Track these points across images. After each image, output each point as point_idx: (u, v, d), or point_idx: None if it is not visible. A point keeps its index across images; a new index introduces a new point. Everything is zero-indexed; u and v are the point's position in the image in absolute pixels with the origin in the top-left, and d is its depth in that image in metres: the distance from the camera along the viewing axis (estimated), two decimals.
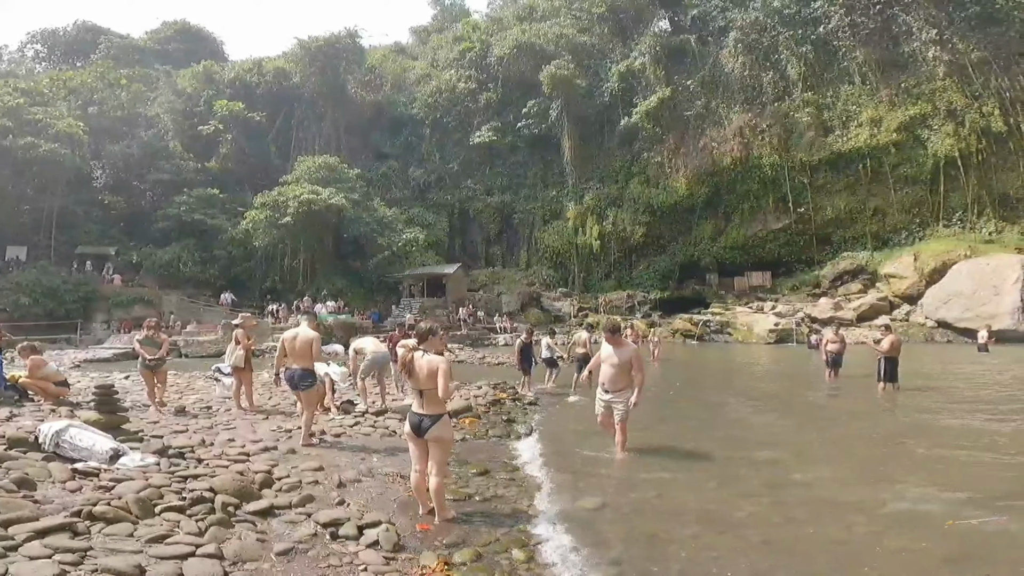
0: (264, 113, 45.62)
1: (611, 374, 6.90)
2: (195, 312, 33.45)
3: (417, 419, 4.67)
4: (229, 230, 37.77)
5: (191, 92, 46.61)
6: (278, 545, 4.05)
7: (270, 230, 35.46)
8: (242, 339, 9.36)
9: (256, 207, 36.16)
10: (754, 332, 29.64)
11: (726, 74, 37.82)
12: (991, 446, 7.47)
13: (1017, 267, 26.19)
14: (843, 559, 4.03)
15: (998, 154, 30.96)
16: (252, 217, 35.94)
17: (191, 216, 37.53)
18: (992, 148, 30.92)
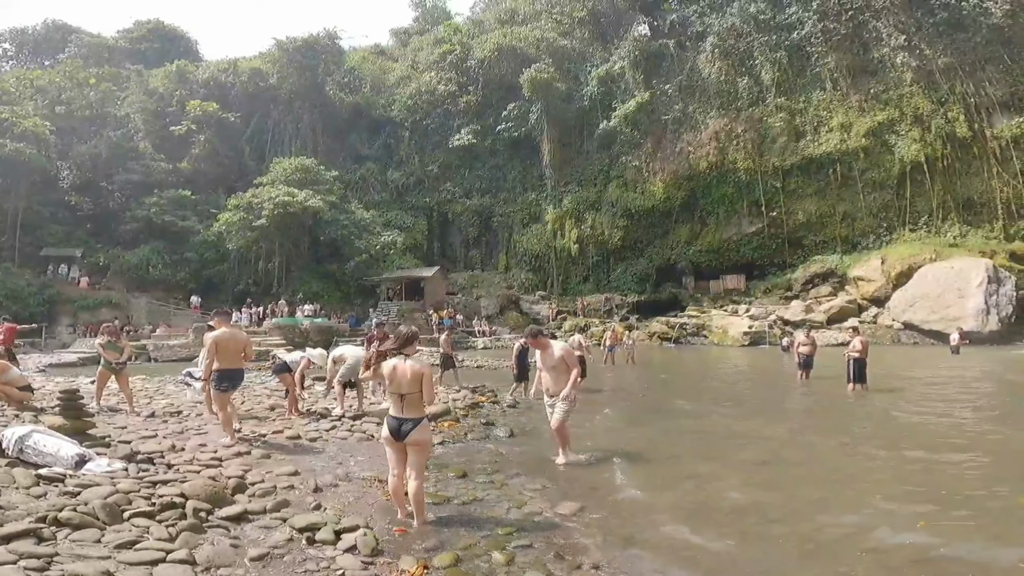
0: (239, 114, 44.96)
1: (549, 378, 6.78)
2: (164, 315, 32.73)
3: (396, 423, 4.65)
4: (201, 232, 37.17)
5: (163, 92, 45.80)
6: (252, 551, 3.99)
7: (244, 232, 34.90)
8: None
9: (230, 209, 35.56)
10: (729, 334, 30.07)
11: (703, 79, 38.42)
12: (958, 447, 7.68)
13: (981, 270, 26.97)
14: (815, 558, 4.10)
15: (962, 159, 31.93)
16: (225, 219, 35.30)
17: (161, 218, 36.83)
18: (957, 153, 31.88)
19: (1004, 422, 9.40)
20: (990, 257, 28.51)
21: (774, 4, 36.21)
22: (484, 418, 9.72)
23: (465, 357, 23.31)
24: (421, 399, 4.63)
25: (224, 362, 6.86)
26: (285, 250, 37.31)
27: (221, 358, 6.84)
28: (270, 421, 8.62)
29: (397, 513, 4.81)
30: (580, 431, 9.50)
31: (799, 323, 29.48)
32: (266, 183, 36.87)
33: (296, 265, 38.27)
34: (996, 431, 8.65)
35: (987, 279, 26.55)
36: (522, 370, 12.01)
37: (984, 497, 5.44)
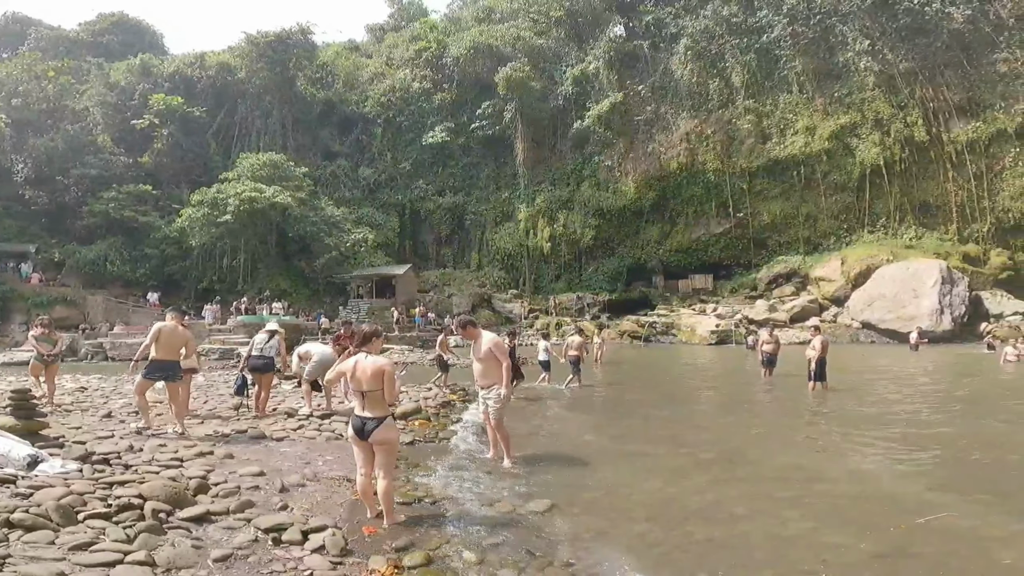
0: (204, 108, 44.05)
1: (478, 369, 6.58)
2: (122, 313, 31.70)
3: (360, 422, 4.59)
4: (162, 228, 36.45)
5: (125, 85, 44.54)
6: (215, 552, 3.89)
7: (208, 228, 34.18)
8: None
9: (193, 204, 34.74)
10: (697, 333, 30.58)
11: (675, 80, 39.02)
12: (916, 442, 7.95)
13: (935, 271, 28.01)
14: (779, 552, 4.18)
15: (919, 163, 33.14)
16: (188, 215, 34.54)
17: (120, 213, 35.90)
18: (914, 157, 33.07)
19: (957, 420, 9.79)
20: (944, 259, 29.66)
21: (746, 7, 37.03)
22: (456, 416, 9.67)
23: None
24: (383, 397, 4.56)
25: (160, 353, 7.17)
26: (251, 247, 36.61)
27: (159, 349, 7.15)
28: (234, 420, 8.42)
29: (366, 513, 4.74)
30: (551, 429, 9.55)
31: (763, 322, 30.12)
32: (232, 178, 36.19)
33: (263, 262, 37.57)
34: (950, 428, 8.99)
35: (941, 280, 27.53)
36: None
37: (941, 493, 5.63)
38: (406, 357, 21.81)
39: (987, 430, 8.76)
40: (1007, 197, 31.78)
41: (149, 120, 41.19)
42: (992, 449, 7.43)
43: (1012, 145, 31.48)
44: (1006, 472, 6.42)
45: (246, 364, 9.05)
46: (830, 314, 30.90)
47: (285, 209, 35.05)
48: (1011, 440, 7.97)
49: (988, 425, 9.10)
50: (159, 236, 36.44)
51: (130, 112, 42.64)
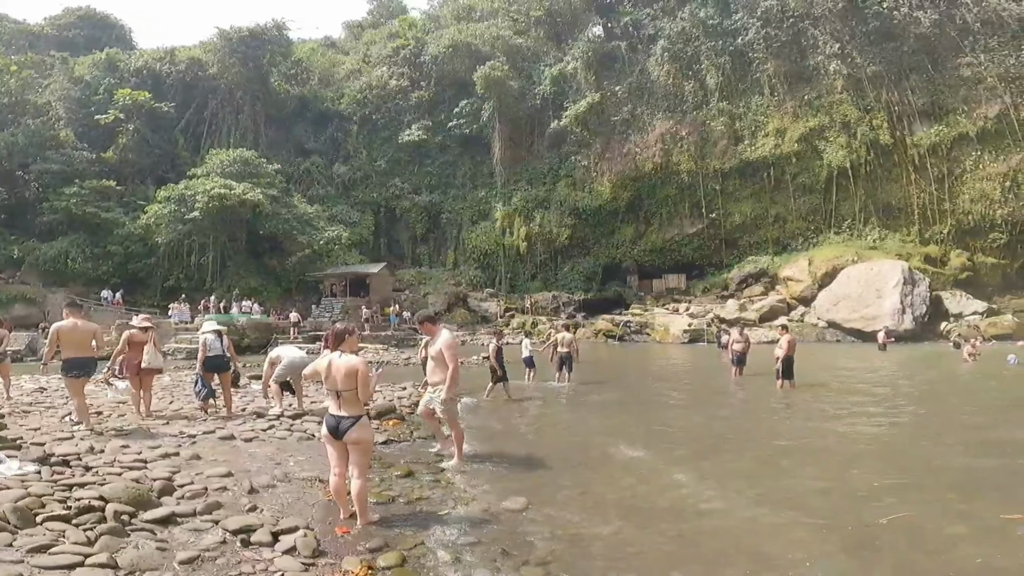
0: (173, 104, 43.32)
1: (430, 366, 6.62)
2: (84, 311, 30.64)
3: (334, 421, 4.54)
4: (127, 224, 35.61)
5: (89, 80, 43.58)
6: (181, 554, 3.82)
7: (175, 225, 33.54)
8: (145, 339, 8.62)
9: (159, 201, 33.98)
10: (670, 332, 30.96)
11: (652, 82, 39.48)
12: (881, 439, 8.18)
13: (897, 272, 28.82)
14: (749, 549, 4.25)
15: (883, 166, 34.10)
16: (154, 211, 33.81)
17: (82, 209, 34.99)
18: (879, 160, 34.01)
19: (921, 416, 10.10)
20: (906, 260, 30.54)
21: (722, 10, 37.65)
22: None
23: (412, 355, 22.99)
24: (358, 396, 4.52)
25: (69, 351, 7.17)
26: (220, 244, 35.98)
27: (65, 347, 7.19)
28: (201, 421, 8.22)
29: (339, 513, 4.68)
30: (527, 428, 9.55)
31: (734, 321, 30.68)
32: (201, 175, 35.51)
33: (232, 260, 36.95)
34: (913, 425, 9.27)
35: (903, 280, 28.28)
36: (502, 370, 11.77)
37: (904, 491, 5.78)
38: (380, 356, 21.60)
39: (950, 427, 9.06)
40: (967, 200, 32.91)
41: (114, 115, 40.23)
42: (954, 446, 7.68)
43: (973, 149, 32.60)
44: (968, 469, 6.63)
45: (203, 366, 8.69)
46: (797, 313, 31.55)
47: (256, 206, 34.46)
48: (973, 437, 8.25)
49: (951, 422, 9.41)
50: (123, 233, 35.64)
51: (94, 107, 41.70)
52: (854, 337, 28.10)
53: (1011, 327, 26.74)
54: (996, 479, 6.03)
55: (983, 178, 32.47)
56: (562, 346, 13.90)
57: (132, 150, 40.79)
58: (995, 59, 32.21)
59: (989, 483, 5.83)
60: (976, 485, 5.75)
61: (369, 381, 4.59)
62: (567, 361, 13.78)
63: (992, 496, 5.37)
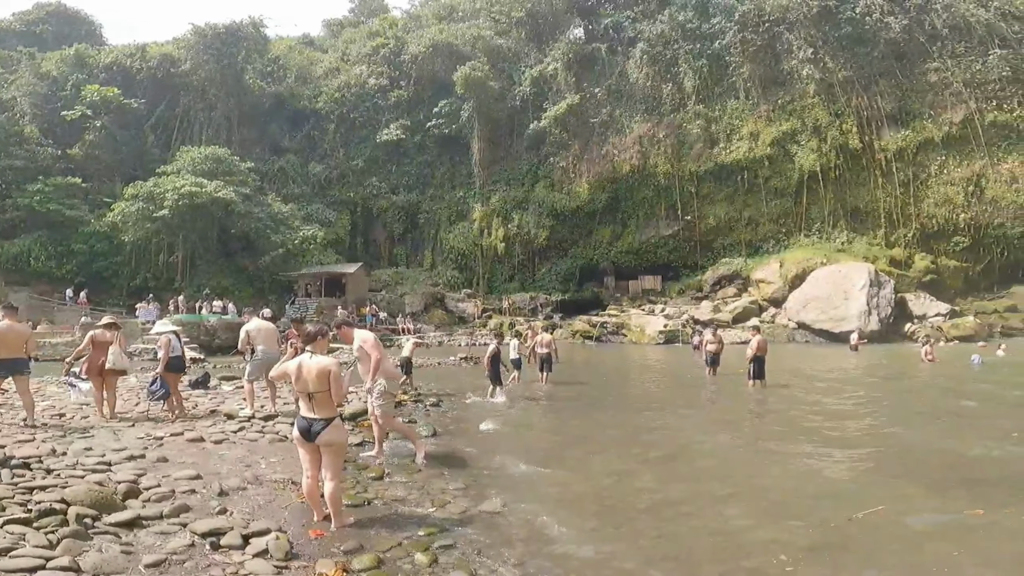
0: (143, 100, 42.46)
1: (360, 370, 6.65)
2: (47, 311, 29.81)
3: (306, 423, 4.47)
4: (92, 222, 34.74)
5: (57, 76, 42.52)
6: (148, 557, 3.75)
7: (143, 223, 32.77)
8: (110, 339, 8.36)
9: (127, 199, 33.18)
10: (646, 333, 31.17)
11: (631, 84, 39.75)
12: (850, 437, 8.36)
13: (864, 274, 29.49)
14: (723, 548, 4.30)
15: (852, 170, 34.80)
16: (121, 209, 32.95)
17: (46, 206, 33.98)
18: (848, 164, 34.72)
19: (887, 416, 10.37)
20: (872, 262, 31.22)
21: (701, 13, 38.15)
22: (406, 417, 9.51)
23: (388, 355, 22.76)
24: (330, 397, 4.46)
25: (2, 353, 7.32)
26: (190, 243, 35.27)
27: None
28: (168, 423, 8.02)
29: (313, 516, 4.62)
30: (504, 429, 9.52)
31: (708, 322, 31.05)
32: (171, 172, 34.77)
33: (203, 259, 36.25)
34: (880, 423, 9.51)
35: (869, 283, 28.91)
36: (495, 373, 11.75)
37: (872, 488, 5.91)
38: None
39: (913, 425, 9.32)
40: (931, 204, 33.85)
41: (81, 111, 39.21)
42: (918, 444, 7.89)
43: (938, 154, 33.53)
44: (933, 467, 6.81)
45: (167, 366, 8.45)
46: (769, 315, 31.97)
47: (228, 204, 33.81)
48: (936, 435, 8.49)
49: (914, 420, 9.67)
50: (88, 231, 34.81)
51: (61, 103, 40.63)
52: (823, 338, 28.66)
53: (973, 329, 27.58)
54: (961, 476, 6.21)
55: (947, 182, 33.41)
56: (541, 346, 13.95)
57: (99, 147, 39.82)
58: (961, 64, 33.16)
59: (954, 480, 5.99)
60: (943, 482, 5.89)
61: (342, 382, 4.55)
62: (547, 361, 13.83)
63: (957, 492, 5.51)
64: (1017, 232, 32.19)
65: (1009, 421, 9.26)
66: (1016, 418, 9.55)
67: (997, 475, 6.24)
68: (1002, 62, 32.08)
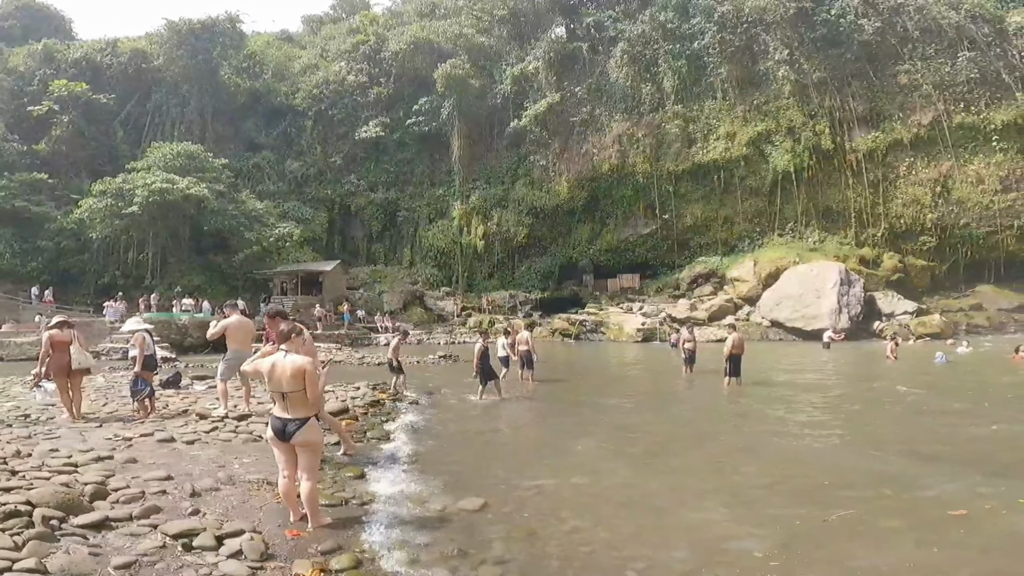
0: (113, 95, 41.58)
1: None
2: (12, 310, 28.91)
3: (281, 423, 4.40)
4: (59, 219, 33.86)
5: (24, 71, 41.51)
6: (117, 559, 3.66)
7: (111, 220, 32.06)
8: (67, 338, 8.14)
9: (94, 195, 32.40)
10: (624, 331, 31.43)
11: (611, 83, 39.97)
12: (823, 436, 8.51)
13: (835, 273, 30.06)
14: (698, 546, 4.33)
15: (824, 170, 35.49)
16: (89, 205, 32.15)
17: (11, 203, 33.15)
18: (820, 165, 35.38)
19: (859, 412, 10.60)
20: (843, 261, 31.87)
21: (681, 14, 38.46)
22: (385, 416, 9.45)
23: (366, 354, 22.60)
24: (305, 397, 4.40)
25: None
26: (161, 240, 34.56)
27: None
28: (138, 423, 7.84)
29: (289, 516, 4.55)
30: (484, 427, 9.50)
31: (685, 320, 31.36)
32: (141, 168, 34.05)
33: (174, 256, 35.56)
34: (852, 421, 9.71)
35: (840, 281, 29.48)
36: (486, 371, 11.61)
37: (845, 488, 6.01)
38: (333, 355, 21.11)
39: (884, 422, 9.55)
40: (899, 204, 34.73)
41: (48, 106, 38.20)
42: (889, 442, 8.07)
43: (906, 155, 34.38)
44: (903, 466, 6.97)
45: (144, 365, 8.26)
46: (744, 313, 32.48)
47: (201, 201, 33.17)
48: (905, 434, 8.71)
49: (885, 417, 9.91)
50: (54, 228, 33.94)
51: (28, 98, 39.63)
52: (795, 336, 29.16)
53: (939, 326, 28.34)
54: (929, 477, 6.35)
55: (915, 183, 34.29)
56: (522, 344, 13.98)
57: (66, 142, 38.85)
58: (931, 67, 33.99)
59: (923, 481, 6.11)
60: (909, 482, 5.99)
61: (318, 383, 4.50)
62: (527, 359, 13.85)
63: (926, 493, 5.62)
64: (982, 232, 33.19)
65: (975, 417, 9.50)
66: (982, 415, 9.80)
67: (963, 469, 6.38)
68: (970, 64, 32.93)
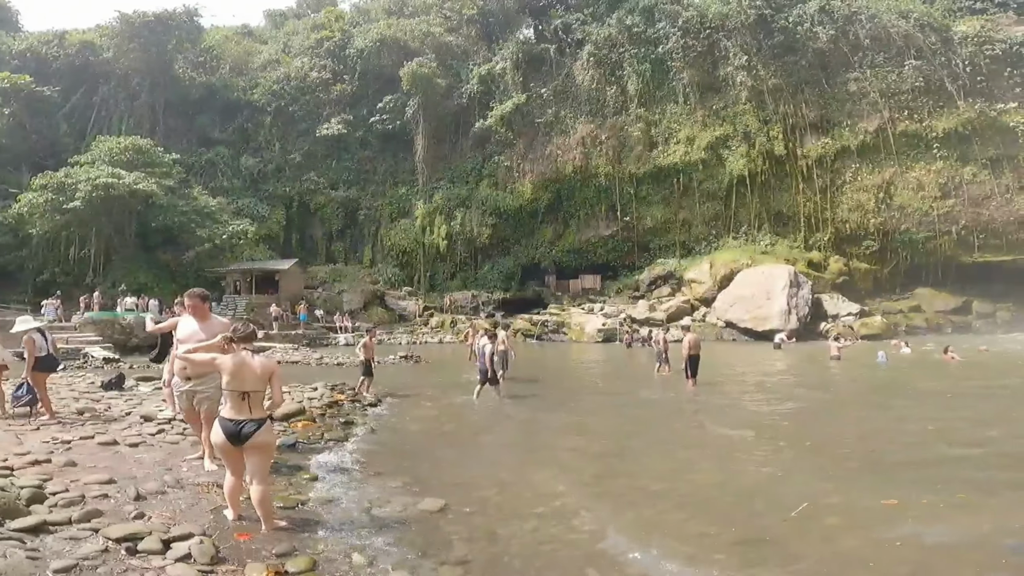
0: (58, 88, 39.76)
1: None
2: None
3: (234, 426, 4.26)
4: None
5: None
6: (56, 563, 3.52)
7: (52, 215, 30.56)
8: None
9: (34, 189, 30.78)
10: (585, 331, 31.68)
11: (576, 85, 40.27)
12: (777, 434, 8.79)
13: (785, 276, 31.05)
14: (657, 545, 4.37)
15: (777, 175, 36.65)
16: (28, 200, 30.50)
17: None
18: (773, 170, 36.52)
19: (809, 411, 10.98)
20: (793, 264, 32.93)
21: (647, 18, 39.05)
22: (344, 417, 9.28)
23: (324, 354, 22.11)
24: (263, 398, 4.35)
25: None
26: (104, 236, 33.03)
27: None
28: (78, 426, 7.47)
29: (231, 517, 4.46)
30: (446, 428, 9.41)
31: (644, 321, 32.01)
32: (85, 162, 32.51)
33: (118, 253, 34.00)
34: (804, 418, 10.05)
35: (789, 283, 30.42)
36: (484, 371, 11.55)
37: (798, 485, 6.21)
38: (290, 356, 20.58)
39: (831, 419, 9.92)
40: (845, 209, 36.18)
41: None
42: (840, 439, 8.38)
43: (853, 161, 35.81)
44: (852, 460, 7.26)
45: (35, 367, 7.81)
46: (700, 314, 33.13)
47: (149, 197, 31.82)
48: (852, 429, 9.08)
49: (832, 415, 10.30)
50: None
51: None
52: (748, 336, 29.99)
53: (881, 327, 29.69)
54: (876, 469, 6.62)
55: (860, 189, 35.77)
56: (499, 343, 13.87)
57: (7, 135, 36.81)
58: (879, 75, 35.45)
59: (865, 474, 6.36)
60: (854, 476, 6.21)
61: (281, 383, 4.49)
62: (501, 358, 13.74)
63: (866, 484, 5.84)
64: (921, 237, 34.92)
65: (916, 413, 9.91)
66: (921, 410, 10.28)
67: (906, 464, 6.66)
68: (916, 72, 34.49)
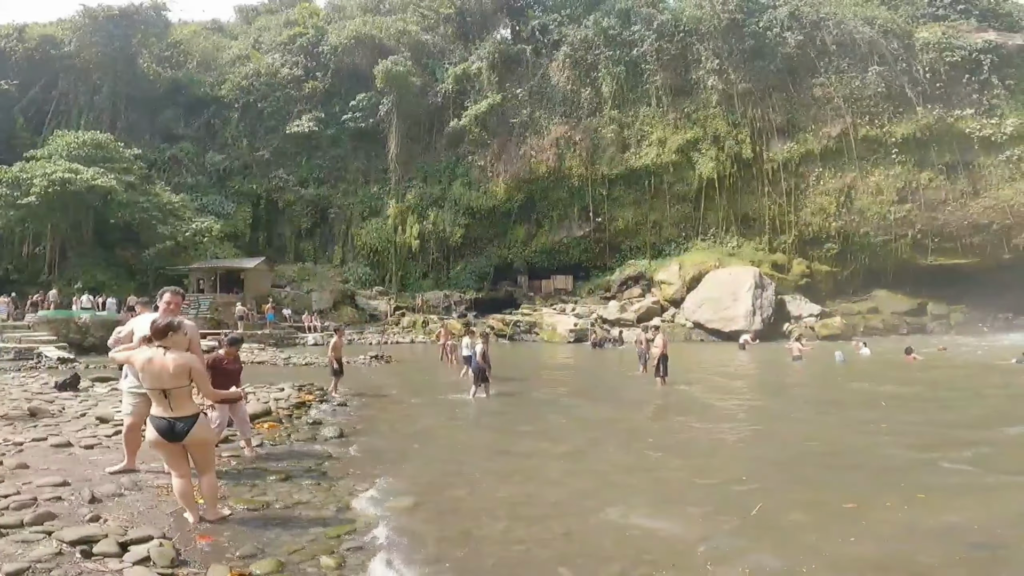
0: (15, 82, 38.64)
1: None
2: None
3: (167, 424, 4.20)
4: None
5: None
6: (8, 566, 3.45)
7: (5, 211, 29.60)
8: None
9: None
10: (557, 332, 31.84)
11: (552, 86, 40.46)
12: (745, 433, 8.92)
13: (751, 278, 31.76)
14: (627, 543, 4.42)
15: (744, 178, 37.43)
16: None
17: None
18: (741, 173, 37.27)
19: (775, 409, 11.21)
20: (758, 266, 33.74)
21: (623, 20, 39.45)
22: (311, 419, 9.11)
23: (292, 354, 21.68)
24: (188, 393, 4.27)
25: None
26: (60, 233, 31.97)
27: None
28: (30, 428, 7.20)
29: (192, 520, 4.34)
30: (418, 427, 9.32)
31: (615, 321, 32.33)
32: (41, 157, 31.45)
33: (75, 251, 32.89)
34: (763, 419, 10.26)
35: (755, 285, 31.15)
36: (480, 371, 11.65)
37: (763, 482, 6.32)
38: (256, 356, 20.11)
39: (793, 419, 10.15)
40: (808, 213, 37.20)
41: None
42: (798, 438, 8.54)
43: (816, 165, 36.84)
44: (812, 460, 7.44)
45: None
46: (669, 314, 33.66)
47: (108, 193, 30.78)
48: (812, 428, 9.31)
49: (794, 414, 10.52)
50: None
51: None
52: (715, 337, 30.58)
53: (840, 328, 30.63)
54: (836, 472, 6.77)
55: (822, 193, 36.85)
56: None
57: None
58: (843, 80, 36.53)
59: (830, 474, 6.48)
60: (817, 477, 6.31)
61: (206, 378, 4.43)
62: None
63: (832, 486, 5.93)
64: (879, 240, 36.16)
65: (871, 413, 10.18)
66: (877, 409, 10.60)
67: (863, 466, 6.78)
68: (878, 78, 35.66)
